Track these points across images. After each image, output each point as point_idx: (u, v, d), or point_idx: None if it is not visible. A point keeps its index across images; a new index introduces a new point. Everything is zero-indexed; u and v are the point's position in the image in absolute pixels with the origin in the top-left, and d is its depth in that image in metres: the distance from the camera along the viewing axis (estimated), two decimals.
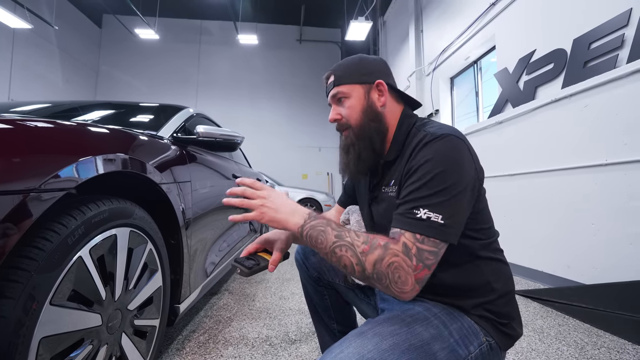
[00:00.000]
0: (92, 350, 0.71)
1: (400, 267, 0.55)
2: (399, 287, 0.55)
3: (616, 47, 1.93)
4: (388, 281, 0.55)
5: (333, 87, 0.77)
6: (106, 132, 0.87)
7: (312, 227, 0.62)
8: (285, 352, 1.29)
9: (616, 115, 1.83)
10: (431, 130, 0.66)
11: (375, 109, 0.75)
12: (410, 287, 0.55)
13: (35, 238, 0.59)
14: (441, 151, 0.62)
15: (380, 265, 0.55)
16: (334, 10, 8.56)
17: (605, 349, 1.35)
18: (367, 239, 0.58)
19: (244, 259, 0.74)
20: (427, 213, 0.57)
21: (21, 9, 5.89)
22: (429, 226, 0.57)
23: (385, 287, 0.56)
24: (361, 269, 0.57)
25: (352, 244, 0.58)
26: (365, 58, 0.79)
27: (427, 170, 0.60)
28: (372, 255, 0.56)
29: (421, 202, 0.58)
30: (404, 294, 0.55)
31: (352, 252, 0.57)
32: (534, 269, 2.42)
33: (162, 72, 9.47)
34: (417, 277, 0.55)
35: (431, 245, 0.56)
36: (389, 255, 0.55)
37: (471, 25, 3.80)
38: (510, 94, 2.92)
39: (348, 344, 0.55)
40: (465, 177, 0.61)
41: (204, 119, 1.95)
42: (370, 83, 0.75)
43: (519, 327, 0.69)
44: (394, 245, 0.57)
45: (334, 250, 0.59)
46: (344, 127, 0.78)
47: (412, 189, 0.61)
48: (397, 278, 0.54)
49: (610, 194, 1.85)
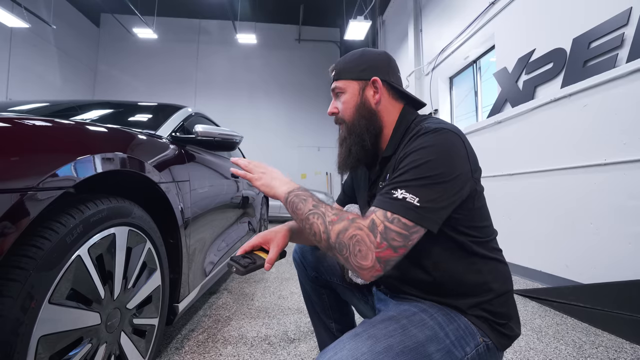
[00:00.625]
0: (91, 349, 0.70)
1: (362, 240, 0.55)
2: (357, 261, 0.55)
3: (616, 47, 1.94)
4: (348, 252, 0.56)
5: (333, 81, 0.79)
6: (104, 131, 0.87)
7: (297, 195, 0.67)
8: (284, 351, 1.28)
9: (615, 114, 1.84)
10: (428, 125, 0.66)
11: (369, 106, 0.75)
12: (370, 264, 0.54)
13: (33, 237, 0.58)
14: (433, 142, 0.61)
15: (343, 235, 0.56)
16: (332, 10, 8.55)
17: (603, 348, 1.36)
18: (338, 212, 0.61)
19: (240, 257, 0.74)
20: (403, 194, 0.57)
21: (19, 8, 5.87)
22: (402, 206, 0.56)
23: (345, 259, 0.57)
24: (326, 237, 0.59)
25: (324, 214, 0.61)
26: (367, 53, 0.78)
27: (415, 157, 0.60)
28: (337, 225, 0.58)
29: (401, 184, 0.58)
30: (362, 270, 0.55)
31: (321, 220, 0.60)
32: (532, 269, 2.43)
33: (161, 71, 9.45)
34: (378, 255, 0.54)
35: (401, 226, 0.55)
36: (352, 228, 0.56)
37: (470, 25, 3.80)
38: (509, 94, 2.93)
39: (342, 346, 0.54)
40: (455, 169, 0.60)
41: (202, 118, 1.95)
42: (367, 79, 0.75)
43: (516, 327, 0.68)
44: (361, 220, 0.58)
45: (308, 216, 0.62)
46: (339, 121, 0.80)
47: (398, 173, 0.61)
48: (357, 251, 0.55)
49: (609, 194, 1.85)
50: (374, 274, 0.55)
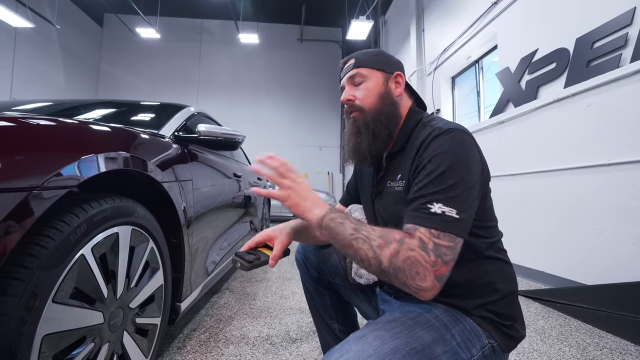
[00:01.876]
0: (94, 348, 0.71)
1: (418, 262, 0.53)
2: (417, 283, 0.53)
3: (620, 46, 1.92)
4: (405, 277, 0.53)
5: (353, 69, 0.77)
6: (108, 131, 0.87)
7: (332, 219, 0.61)
8: (286, 351, 1.28)
9: (619, 114, 1.82)
10: (439, 125, 0.66)
11: (392, 97, 0.76)
12: (430, 285, 0.53)
13: (37, 236, 0.59)
14: (450, 146, 0.61)
15: (397, 259, 0.54)
16: (335, 10, 8.55)
17: (607, 350, 1.35)
18: (382, 233, 0.57)
19: (245, 253, 0.74)
20: (441, 207, 0.56)
21: (23, 8, 5.89)
22: (444, 220, 0.55)
23: (403, 284, 0.54)
24: (377, 262, 0.55)
25: (368, 237, 0.57)
26: (384, 52, 0.81)
27: (437, 164, 0.60)
28: (387, 250, 0.55)
29: (434, 196, 0.57)
30: (423, 291, 0.53)
31: (368, 246, 0.56)
32: (535, 270, 2.42)
33: (163, 71, 9.47)
34: (436, 274, 0.53)
35: (448, 240, 0.55)
36: (404, 250, 0.54)
37: (473, 25, 3.79)
38: (512, 94, 2.91)
39: (348, 348, 0.54)
40: (474, 171, 0.61)
41: (205, 117, 1.95)
42: (389, 73, 0.77)
43: (522, 329, 0.68)
44: (409, 239, 0.55)
45: (351, 242, 0.58)
46: (355, 108, 0.77)
47: (423, 184, 0.60)
48: (415, 274, 0.53)
49: (612, 194, 1.84)
50: (434, 293, 0.54)
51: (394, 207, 0.72)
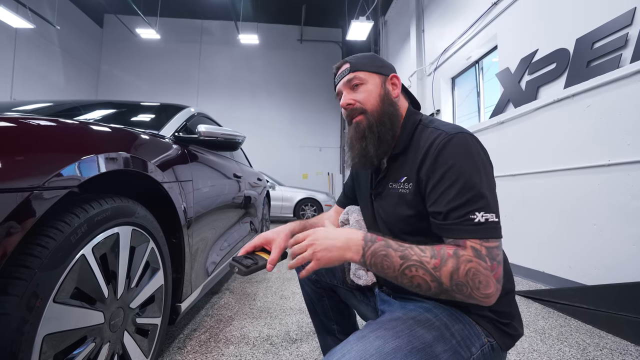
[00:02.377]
0: (94, 348, 0.71)
1: (478, 271, 0.54)
2: (482, 292, 0.54)
3: (620, 47, 1.93)
4: (469, 289, 0.54)
5: (349, 73, 0.76)
6: (108, 131, 0.87)
7: (374, 255, 0.59)
8: (286, 352, 1.28)
9: (619, 115, 1.83)
10: (443, 129, 0.67)
11: (391, 98, 0.76)
12: (494, 289, 0.54)
13: (38, 236, 0.59)
14: (462, 151, 0.62)
15: (458, 275, 0.54)
16: (334, 10, 8.56)
17: (607, 350, 1.35)
18: (434, 252, 0.56)
19: (242, 258, 0.73)
20: (484, 215, 0.57)
21: (23, 9, 5.90)
22: (489, 228, 0.57)
23: (468, 296, 0.54)
24: (437, 284, 0.55)
25: (421, 262, 0.56)
26: (377, 55, 0.82)
27: (458, 173, 0.60)
28: (446, 268, 0.54)
29: (472, 205, 0.58)
30: (488, 298, 0.54)
31: (423, 270, 0.55)
32: (535, 270, 2.42)
33: (163, 71, 9.49)
34: (496, 277, 0.55)
35: (495, 243, 0.57)
36: (463, 263, 0.54)
37: (473, 25, 3.79)
38: (512, 94, 2.92)
39: (350, 348, 0.54)
40: (490, 172, 0.63)
41: (205, 118, 1.96)
42: (386, 75, 0.77)
43: (519, 327, 0.69)
44: (463, 251, 0.56)
45: (404, 272, 0.57)
46: (357, 112, 0.76)
47: (453, 193, 0.59)
48: (479, 283, 0.53)
49: (612, 195, 1.84)
50: (497, 295, 0.55)
51: (394, 208, 0.72)
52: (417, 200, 0.67)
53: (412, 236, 0.71)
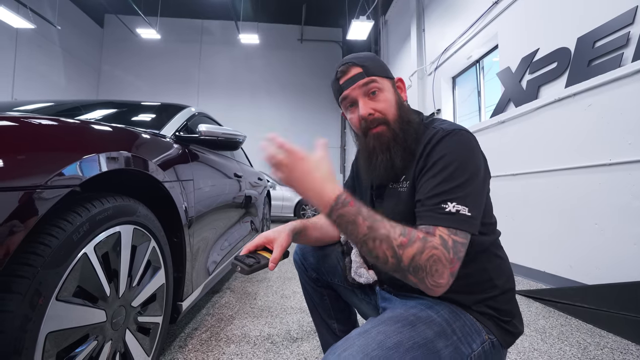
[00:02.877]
0: (96, 346, 0.71)
1: (439, 260, 0.53)
2: (434, 280, 0.53)
3: (621, 46, 1.92)
4: (424, 274, 0.53)
5: (365, 77, 0.70)
6: (109, 130, 0.88)
7: (340, 216, 0.58)
8: (287, 350, 1.29)
9: (620, 114, 1.82)
10: (442, 127, 0.67)
11: (405, 103, 0.75)
12: (446, 281, 0.54)
13: (41, 234, 0.59)
14: (456, 145, 0.63)
15: (420, 257, 0.53)
16: (335, 10, 8.56)
17: (608, 350, 1.35)
18: (404, 231, 0.56)
19: (244, 257, 0.74)
20: (455, 206, 0.57)
21: (24, 9, 5.91)
22: (460, 219, 0.57)
23: (420, 280, 0.54)
24: (396, 261, 0.54)
25: (388, 236, 0.55)
26: (377, 55, 0.80)
27: (445, 164, 0.61)
28: (411, 248, 0.54)
29: (447, 195, 0.58)
30: (438, 287, 0.54)
31: (387, 245, 0.55)
32: (536, 269, 2.41)
33: (164, 71, 9.49)
34: (452, 270, 0.54)
35: (462, 237, 0.56)
36: (428, 248, 0.54)
37: (473, 24, 3.79)
38: (512, 94, 2.91)
39: (352, 343, 0.54)
40: (480, 169, 0.63)
41: (205, 118, 1.96)
42: (392, 78, 0.76)
43: (520, 325, 0.69)
44: (432, 238, 0.55)
45: (366, 241, 0.56)
46: (377, 122, 0.71)
47: (434, 183, 0.60)
48: (435, 271, 0.53)
49: (614, 194, 1.84)
50: (445, 289, 0.55)
51: (394, 208, 0.72)
52: (412, 197, 0.67)
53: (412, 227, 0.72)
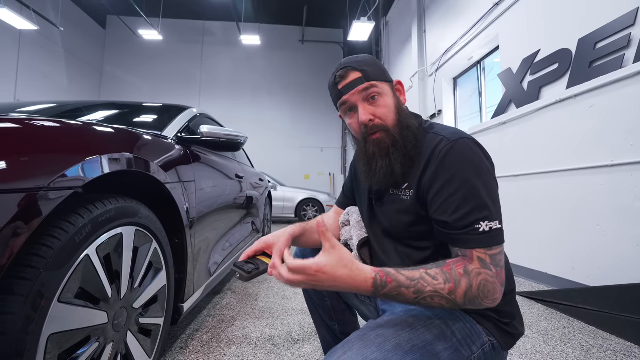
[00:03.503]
0: (98, 348, 0.71)
1: (488, 282, 0.56)
2: (490, 298, 0.56)
3: (622, 47, 1.92)
4: (480, 300, 0.56)
5: (365, 82, 0.69)
6: (111, 132, 0.88)
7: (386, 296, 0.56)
8: (288, 352, 1.29)
9: (622, 115, 1.82)
10: (444, 135, 0.66)
11: (404, 108, 0.74)
12: (500, 293, 0.57)
13: (44, 236, 0.59)
14: (465, 158, 0.62)
15: (471, 291, 0.55)
16: (336, 11, 8.57)
17: (611, 352, 1.34)
18: (446, 277, 0.55)
19: (243, 263, 0.73)
20: (488, 224, 0.58)
21: (27, 11, 5.95)
22: (494, 236, 0.58)
23: (478, 305, 0.57)
24: (453, 304, 0.56)
25: (436, 291, 0.55)
26: (375, 58, 0.78)
27: (461, 181, 0.60)
28: (460, 289, 0.55)
29: (477, 215, 0.58)
30: (495, 302, 0.57)
31: (439, 298, 0.55)
32: (538, 271, 2.41)
33: (165, 72, 9.53)
34: (500, 281, 0.57)
35: (497, 248, 0.58)
36: (475, 279, 0.55)
37: (474, 26, 3.79)
38: (514, 95, 2.91)
39: (351, 346, 0.54)
40: (493, 176, 0.64)
41: (207, 119, 1.96)
42: (391, 81, 0.74)
43: (520, 326, 0.69)
44: (471, 265, 0.57)
45: (419, 303, 0.56)
46: (377, 128, 0.69)
47: (457, 203, 0.59)
48: (487, 292, 0.56)
49: (615, 195, 1.84)
50: (500, 298, 0.58)
51: (395, 215, 0.71)
52: (417, 206, 0.67)
53: (412, 240, 0.71)
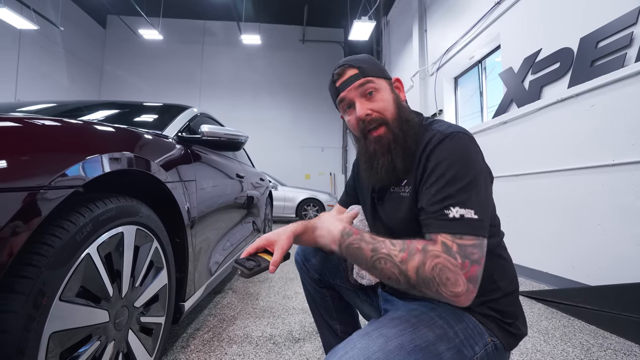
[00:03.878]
0: (99, 346, 0.71)
1: (446, 267, 0.52)
2: (449, 290, 0.52)
3: (624, 46, 1.92)
4: (436, 285, 0.52)
5: (361, 78, 0.70)
6: (112, 131, 0.88)
7: (348, 247, 0.62)
8: (289, 351, 1.29)
9: (623, 114, 1.82)
10: (440, 129, 0.66)
11: (403, 104, 0.74)
12: (463, 288, 0.52)
13: (45, 235, 0.59)
14: (454, 149, 0.62)
15: (424, 270, 0.53)
16: (337, 10, 8.56)
17: (611, 351, 1.34)
18: (403, 246, 0.56)
19: (245, 260, 0.73)
20: (459, 211, 0.56)
21: (27, 10, 5.95)
22: (465, 223, 0.55)
23: (436, 292, 0.53)
24: (405, 278, 0.54)
25: (389, 255, 0.56)
26: (373, 57, 0.78)
27: (444, 169, 0.60)
28: (412, 262, 0.54)
29: (449, 200, 0.57)
30: (457, 297, 0.52)
31: (391, 263, 0.55)
32: (538, 270, 2.41)
33: (166, 72, 9.53)
34: (467, 276, 0.52)
35: (470, 239, 0.55)
36: (430, 258, 0.53)
37: (475, 25, 3.78)
38: (515, 94, 2.91)
39: (353, 345, 0.54)
40: (481, 171, 0.62)
41: (208, 118, 1.96)
42: (389, 79, 0.75)
43: (523, 327, 0.68)
44: (432, 246, 0.54)
45: (374, 264, 0.57)
46: (375, 122, 0.70)
47: (435, 190, 0.59)
48: (446, 279, 0.52)
49: (616, 195, 1.83)
50: (470, 297, 0.53)
51: (397, 213, 0.72)
52: (415, 202, 0.67)
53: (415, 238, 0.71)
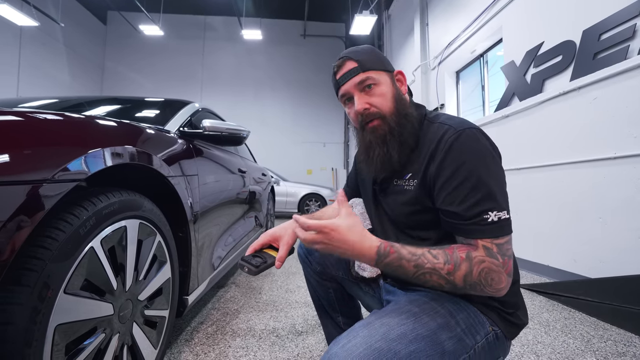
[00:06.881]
0: (104, 339, 0.72)
1: (491, 270, 0.56)
2: (494, 288, 0.57)
3: (627, 38, 1.90)
4: (482, 287, 0.57)
5: (360, 73, 0.71)
6: (114, 126, 0.88)
7: (386, 266, 0.60)
8: (292, 344, 1.30)
9: (626, 107, 1.80)
10: (450, 124, 0.66)
11: (403, 97, 0.74)
12: (505, 283, 0.58)
13: (48, 228, 0.60)
14: (472, 148, 0.63)
15: (471, 277, 0.56)
16: (338, 5, 8.49)
17: (611, 342, 1.35)
18: (447, 258, 0.57)
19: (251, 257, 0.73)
20: (496, 214, 0.58)
21: (28, 7, 5.94)
22: (502, 226, 0.59)
23: (481, 292, 0.58)
24: (452, 287, 0.58)
25: (434, 269, 0.57)
26: (375, 48, 0.78)
27: (469, 170, 0.61)
28: (459, 272, 0.56)
29: (485, 205, 0.59)
30: (500, 291, 0.58)
31: (437, 276, 0.57)
32: (540, 263, 2.41)
33: (167, 68, 9.51)
34: (507, 271, 0.57)
35: (505, 237, 0.59)
36: (476, 265, 0.56)
37: (477, 18, 3.75)
38: (517, 87, 2.89)
39: (355, 334, 0.55)
40: (500, 166, 0.65)
41: (209, 113, 1.96)
42: (391, 71, 0.75)
43: (524, 316, 0.69)
44: (475, 252, 0.58)
45: (417, 278, 0.59)
46: (373, 116, 0.71)
47: (465, 193, 0.60)
48: (491, 280, 0.56)
49: (618, 188, 1.83)
50: (508, 287, 0.59)
51: (399, 205, 0.72)
52: (421, 196, 0.67)
53: (416, 230, 0.72)
